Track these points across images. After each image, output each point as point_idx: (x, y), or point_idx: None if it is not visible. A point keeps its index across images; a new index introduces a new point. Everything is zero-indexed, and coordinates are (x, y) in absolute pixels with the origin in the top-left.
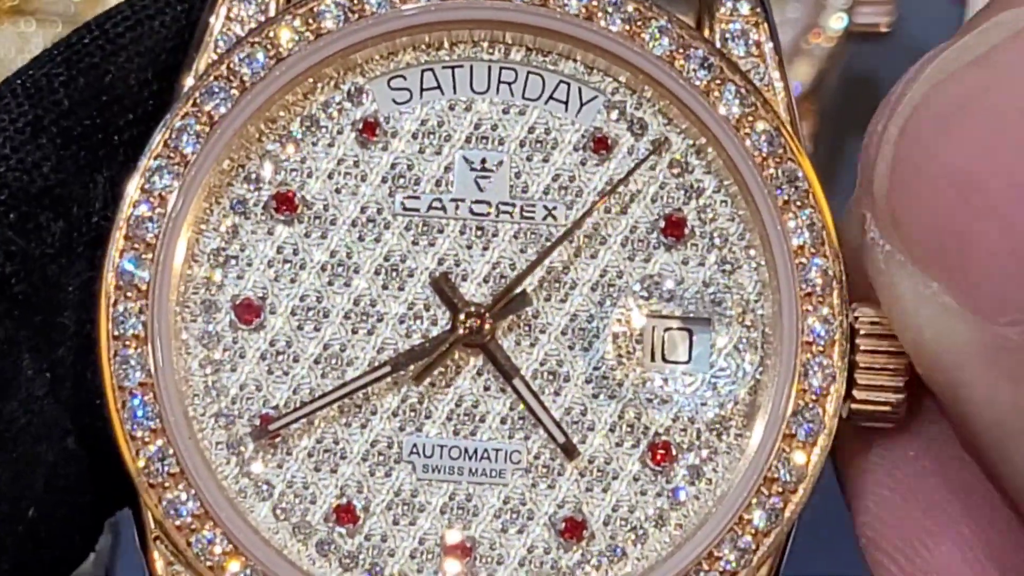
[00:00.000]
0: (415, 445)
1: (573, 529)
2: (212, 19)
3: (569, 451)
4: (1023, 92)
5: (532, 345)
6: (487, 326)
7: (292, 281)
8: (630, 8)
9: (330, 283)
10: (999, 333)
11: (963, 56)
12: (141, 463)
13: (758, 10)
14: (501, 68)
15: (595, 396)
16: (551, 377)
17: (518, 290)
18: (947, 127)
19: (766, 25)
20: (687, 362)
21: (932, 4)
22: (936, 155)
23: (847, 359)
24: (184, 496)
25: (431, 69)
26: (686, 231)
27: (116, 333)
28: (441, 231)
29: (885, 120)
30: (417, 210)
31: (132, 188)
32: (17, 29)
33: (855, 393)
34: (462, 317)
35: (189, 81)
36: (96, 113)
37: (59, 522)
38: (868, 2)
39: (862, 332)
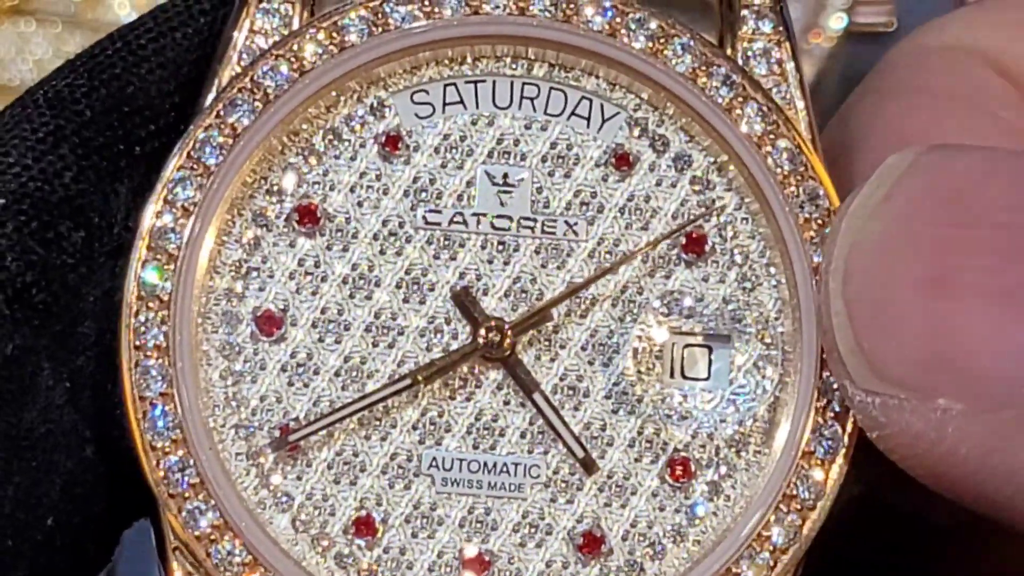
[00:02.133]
0: (434, 458)
1: (591, 544)
2: (236, 33)
3: (588, 466)
4: (931, 204)
5: (552, 360)
6: (507, 340)
7: (313, 294)
8: (653, 25)
9: (351, 296)
10: None
11: (873, 198)
12: (161, 473)
13: (780, 29)
14: (524, 83)
15: (614, 411)
16: (571, 392)
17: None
18: (888, 258)
19: (788, 44)
20: (706, 379)
21: (932, 4)
22: (887, 280)
23: None
24: (204, 507)
25: (454, 84)
26: (707, 248)
27: (137, 343)
28: (462, 245)
29: (825, 281)
30: (439, 224)
31: (155, 199)
32: (17, 29)
33: None
34: (483, 331)
35: (212, 93)
36: (118, 124)
37: (76, 531)
38: (868, 2)
39: None
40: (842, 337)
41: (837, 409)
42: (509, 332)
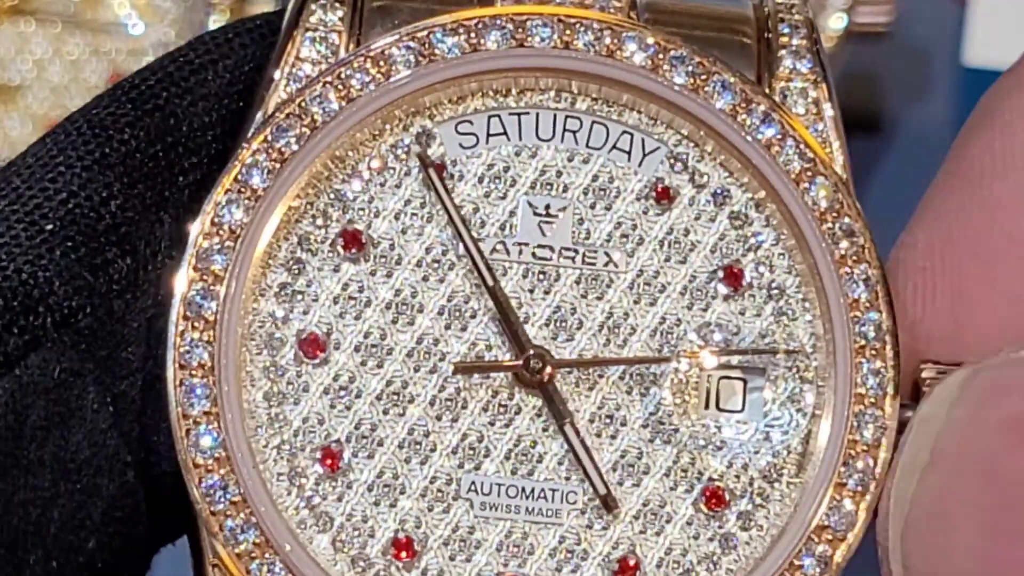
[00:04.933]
0: (473, 482)
1: (626, 570)
2: (282, 60)
3: (608, 504)
4: (980, 479)
5: (590, 389)
6: (548, 368)
7: (357, 318)
8: (694, 62)
9: (394, 321)
10: None
11: (916, 463)
12: (203, 491)
13: (817, 69)
14: (567, 116)
15: (651, 440)
16: (608, 421)
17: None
18: (945, 526)
19: (825, 85)
20: (741, 410)
21: (932, 4)
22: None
23: (898, 412)
24: (245, 525)
25: (498, 115)
26: (744, 282)
27: (182, 362)
28: (504, 274)
29: (884, 535)
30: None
31: (202, 221)
32: (17, 29)
33: None
34: (523, 359)
35: (258, 119)
36: (162, 154)
37: (115, 554)
38: (868, 2)
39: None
40: None
41: (869, 442)
42: (550, 359)
